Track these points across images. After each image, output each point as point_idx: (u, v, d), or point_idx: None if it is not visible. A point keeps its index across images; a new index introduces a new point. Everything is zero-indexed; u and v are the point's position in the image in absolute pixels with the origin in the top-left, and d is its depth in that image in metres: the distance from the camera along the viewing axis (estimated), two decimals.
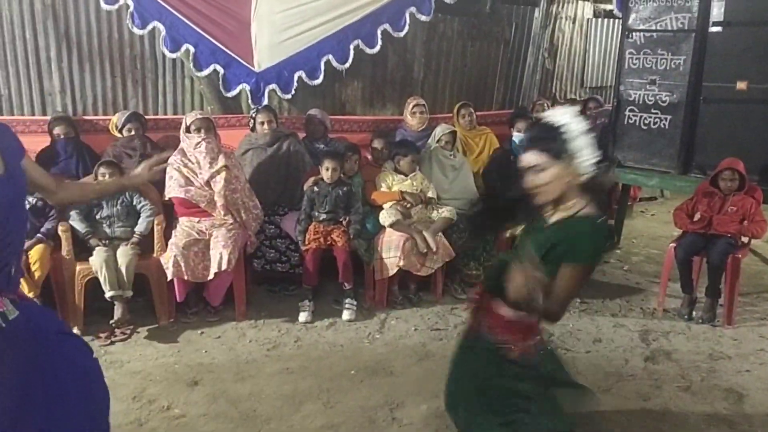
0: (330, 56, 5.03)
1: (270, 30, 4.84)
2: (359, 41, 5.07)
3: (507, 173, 2.19)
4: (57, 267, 3.85)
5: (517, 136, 4.98)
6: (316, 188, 4.30)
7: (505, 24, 6.02)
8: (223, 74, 4.83)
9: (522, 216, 2.11)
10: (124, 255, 3.85)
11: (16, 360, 1.88)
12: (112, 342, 3.75)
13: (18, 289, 1.96)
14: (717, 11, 4.49)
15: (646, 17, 4.81)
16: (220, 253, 3.88)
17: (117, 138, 4.48)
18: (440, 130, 4.84)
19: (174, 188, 4.04)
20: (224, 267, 3.87)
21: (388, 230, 4.29)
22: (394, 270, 4.21)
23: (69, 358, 2.00)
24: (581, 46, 6.98)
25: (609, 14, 6.88)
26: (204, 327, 3.98)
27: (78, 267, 3.86)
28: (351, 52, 5.08)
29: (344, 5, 4.95)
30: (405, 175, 4.55)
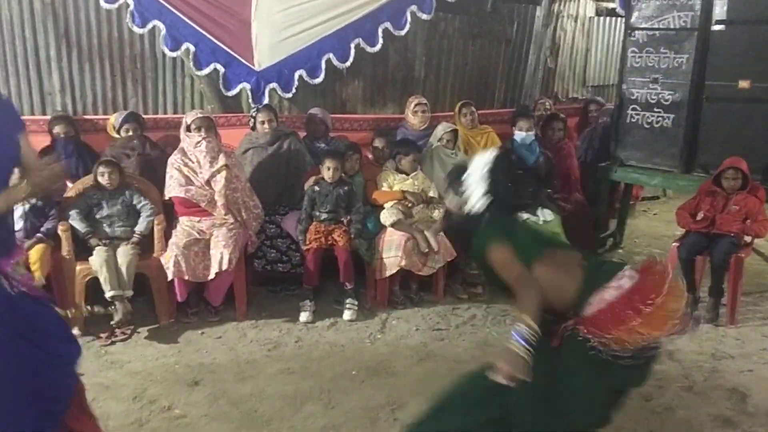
0: (331, 55, 5.01)
1: (270, 29, 4.82)
2: (360, 40, 5.05)
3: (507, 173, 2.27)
4: (57, 267, 3.85)
5: (519, 135, 4.95)
6: (317, 188, 4.28)
7: (507, 22, 5.99)
8: (224, 73, 4.82)
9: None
10: (125, 255, 3.84)
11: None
12: (113, 342, 3.74)
13: None
14: (720, 9, 4.48)
15: (649, 15, 4.80)
16: (221, 253, 3.87)
17: (115, 139, 4.46)
18: (441, 129, 4.83)
19: (174, 188, 4.03)
20: (225, 267, 3.86)
21: (389, 230, 4.27)
22: (395, 269, 4.19)
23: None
24: (583, 45, 6.94)
25: (611, 12, 6.84)
26: (205, 327, 3.97)
27: (78, 267, 3.85)
28: (352, 51, 5.05)
29: (345, 4, 4.93)
30: (406, 175, 4.53)
